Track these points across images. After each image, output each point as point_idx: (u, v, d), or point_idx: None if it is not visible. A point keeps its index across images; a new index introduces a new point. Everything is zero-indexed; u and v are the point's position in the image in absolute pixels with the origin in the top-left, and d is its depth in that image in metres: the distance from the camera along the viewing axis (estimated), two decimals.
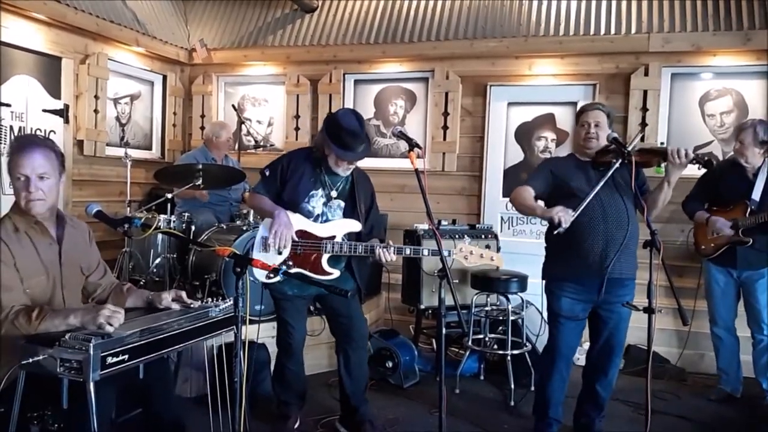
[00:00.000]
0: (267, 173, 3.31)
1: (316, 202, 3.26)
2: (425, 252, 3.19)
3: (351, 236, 3.24)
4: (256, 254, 3.17)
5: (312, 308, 3.48)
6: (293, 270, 3.13)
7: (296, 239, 3.16)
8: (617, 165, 3.11)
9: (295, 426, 3.48)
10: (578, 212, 3.03)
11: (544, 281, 3.45)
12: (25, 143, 2.38)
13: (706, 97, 4.99)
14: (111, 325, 2.16)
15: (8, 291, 2.27)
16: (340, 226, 3.24)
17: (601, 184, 3.09)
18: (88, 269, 2.65)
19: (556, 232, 3.00)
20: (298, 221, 3.18)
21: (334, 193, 3.28)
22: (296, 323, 3.39)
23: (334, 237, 3.20)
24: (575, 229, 3.16)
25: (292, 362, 3.44)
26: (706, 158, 3.08)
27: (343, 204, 3.30)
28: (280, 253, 3.15)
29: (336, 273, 3.21)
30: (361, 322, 3.42)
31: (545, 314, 3.58)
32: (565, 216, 2.99)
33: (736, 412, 4.00)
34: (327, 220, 3.26)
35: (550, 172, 3.37)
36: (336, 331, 3.47)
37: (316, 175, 3.27)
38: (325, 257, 3.18)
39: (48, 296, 2.42)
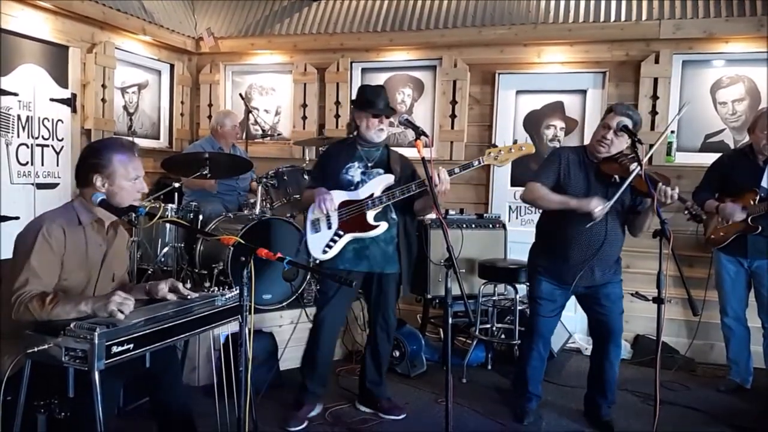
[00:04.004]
0: (312, 171, 3.73)
1: (354, 171, 3.44)
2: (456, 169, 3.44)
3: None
4: (310, 237, 3.40)
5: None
6: (346, 237, 3.34)
7: (340, 210, 3.36)
8: (626, 186, 3.11)
9: (308, 416, 3.45)
10: (611, 203, 3.12)
11: (528, 264, 3.65)
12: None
13: (718, 84, 4.93)
14: (122, 312, 2.17)
15: (36, 277, 2.27)
16: (375, 184, 3.39)
17: (616, 197, 3.12)
18: (119, 278, 2.67)
19: (590, 224, 3.14)
20: (338, 195, 3.37)
21: (371, 164, 3.46)
22: (337, 301, 3.46)
23: (372, 195, 3.34)
24: (562, 235, 3.35)
25: (324, 341, 3.49)
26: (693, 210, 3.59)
27: (382, 171, 3.44)
28: (330, 228, 3.35)
29: (383, 225, 3.35)
30: (392, 312, 3.57)
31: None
32: (601, 209, 3.10)
33: (746, 403, 3.97)
34: None
35: (559, 166, 3.41)
36: (372, 320, 3.63)
37: (352, 151, 3.48)
38: (370, 215, 3.34)
39: (80, 292, 2.43)
